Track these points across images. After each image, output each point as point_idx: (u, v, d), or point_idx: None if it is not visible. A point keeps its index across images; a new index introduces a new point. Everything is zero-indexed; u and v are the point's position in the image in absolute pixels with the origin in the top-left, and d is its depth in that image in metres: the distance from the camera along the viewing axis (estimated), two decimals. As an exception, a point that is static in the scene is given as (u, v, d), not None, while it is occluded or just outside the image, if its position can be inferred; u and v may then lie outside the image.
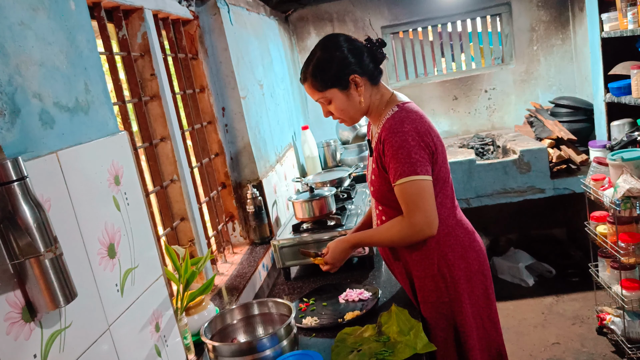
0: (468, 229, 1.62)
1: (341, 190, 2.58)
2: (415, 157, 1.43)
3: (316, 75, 1.53)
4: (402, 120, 1.47)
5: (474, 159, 3.30)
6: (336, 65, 1.51)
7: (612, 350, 2.70)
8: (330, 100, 1.55)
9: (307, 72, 1.55)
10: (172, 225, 1.80)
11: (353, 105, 1.56)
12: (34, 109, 0.94)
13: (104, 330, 1.03)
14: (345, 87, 1.53)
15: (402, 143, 1.44)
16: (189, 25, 2.16)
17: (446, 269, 1.54)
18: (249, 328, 1.60)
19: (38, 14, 0.99)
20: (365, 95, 1.55)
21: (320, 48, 1.55)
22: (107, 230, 1.09)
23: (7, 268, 0.81)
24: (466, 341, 1.57)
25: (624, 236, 2.36)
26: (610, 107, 3.02)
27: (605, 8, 2.87)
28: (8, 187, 0.80)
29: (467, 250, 1.57)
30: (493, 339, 1.64)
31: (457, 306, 1.56)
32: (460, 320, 1.56)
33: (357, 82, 1.53)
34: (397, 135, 1.45)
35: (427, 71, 4.05)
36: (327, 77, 1.52)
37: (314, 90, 1.56)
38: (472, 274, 1.57)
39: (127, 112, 1.61)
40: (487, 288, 1.62)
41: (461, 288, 1.55)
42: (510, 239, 4.04)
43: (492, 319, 1.64)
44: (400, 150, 1.44)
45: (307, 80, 1.56)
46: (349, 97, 1.54)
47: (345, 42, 1.54)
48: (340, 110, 1.57)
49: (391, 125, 1.47)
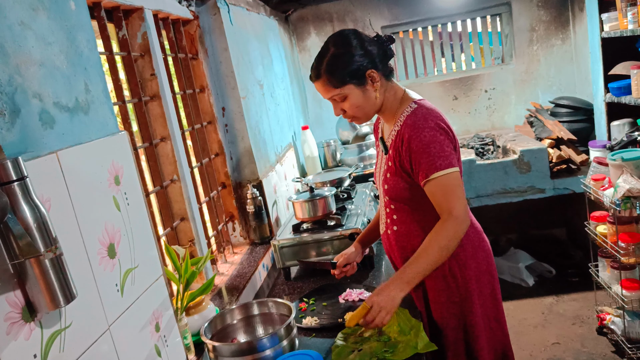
0: (477, 228, 1.61)
1: (341, 190, 2.58)
2: (448, 150, 1.44)
3: (332, 71, 1.48)
4: (426, 117, 1.46)
5: (474, 159, 3.30)
6: (352, 61, 1.48)
7: (612, 350, 2.69)
8: (346, 96, 1.51)
9: (320, 69, 1.50)
10: (172, 225, 1.80)
11: (369, 101, 1.52)
12: (34, 109, 0.94)
13: (104, 330, 1.03)
14: (361, 82, 1.49)
15: (432, 138, 1.43)
16: (189, 25, 2.16)
17: (457, 269, 1.54)
18: (249, 328, 1.60)
19: (38, 14, 0.99)
20: (380, 91, 1.53)
21: (333, 44, 1.51)
22: (107, 230, 1.09)
23: (7, 268, 0.81)
24: (475, 341, 1.57)
25: (624, 236, 2.36)
26: (610, 107, 3.02)
27: (605, 8, 2.86)
28: (8, 187, 0.80)
29: (477, 250, 1.57)
30: (500, 339, 1.64)
31: (467, 306, 1.55)
32: (470, 320, 1.56)
33: (373, 78, 1.50)
34: (424, 130, 1.44)
35: (427, 71, 4.05)
36: (344, 73, 1.48)
37: (329, 87, 1.50)
38: (481, 273, 1.57)
39: (127, 112, 1.61)
40: (495, 288, 1.62)
41: (471, 288, 1.55)
42: (510, 239, 4.04)
43: (499, 320, 1.64)
44: (432, 144, 1.43)
45: (321, 77, 1.50)
46: (365, 93, 1.51)
47: (358, 37, 1.51)
48: (355, 107, 1.52)
49: (414, 122, 1.46)
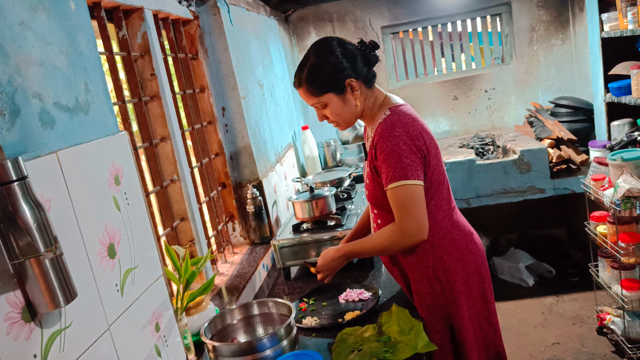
0: (465, 230, 1.60)
1: (341, 190, 2.58)
2: (406, 161, 1.43)
3: (311, 81, 1.52)
4: (394, 125, 1.46)
5: (474, 159, 3.30)
6: (331, 70, 1.50)
7: (612, 350, 2.70)
8: (326, 104, 1.54)
9: (301, 77, 1.53)
10: (172, 225, 1.80)
11: (349, 109, 1.55)
12: (34, 109, 0.94)
13: (104, 330, 1.03)
14: (341, 91, 1.52)
15: (393, 147, 1.43)
16: (189, 25, 2.16)
17: (441, 272, 1.54)
18: (249, 328, 1.60)
19: (38, 14, 0.99)
20: (360, 99, 1.55)
21: (314, 53, 1.53)
22: (107, 230, 1.09)
23: (7, 268, 0.81)
24: (463, 343, 1.56)
25: (624, 236, 2.36)
26: (610, 107, 3.02)
27: (605, 8, 2.86)
28: (8, 187, 0.80)
29: (464, 253, 1.57)
30: (491, 340, 1.64)
31: (453, 308, 1.55)
32: (457, 322, 1.56)
33: (353, 86, 1.52)
34: (388, 139, 1.44)
35: (427, 71, 4.05)
36: (323, 82, 1.51)
37: (309, 95, 1.54)
38: (468, 276, 1.57)
39: (127, 112, 1.61)
40: (485, 290, 1.62)
41: (457, 290, 1.55)
42: (510, 239, 4.04)
43: (490, 321, 1.63)
44: (391, 154, 1.43)
45: (302, 85, 1.54)
46: (345, 101, 1.54)
47: (338, 46, 1.53)
48: (335, 115, 1.56)
49: (383, 129, 1.47)
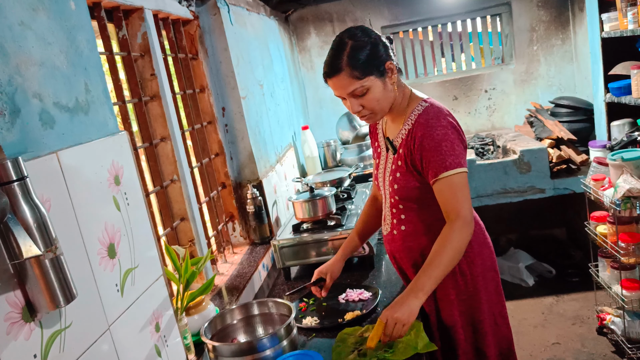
0: (481, 225, 1.63)
1: (341, 190, 2.58)
2: (458, 149, 1.44)
3: (354, 64, 1.43)
4: (438, 115, 1.47)
5: (474, 159, 3.29)
6: (373, 51, 1.46)
7: (612, 350, 2.69)
8: (367, 90, 1.47)
9: (341, 62, 1.44)
10: (172, 225, 1.80)
11: (387, 94, 1.50)
12: (34, 109, 0.94)
13: (104, 330, 1.03)
14: (382, 74, 1.47)
15: (444, 136, 1.44)
16: (189, 25, 2.16)
17: (466, 266, 1.55)
18: (249, 328, 1.60)
19: (38, 14, 0.99)
20: (395, 86, 1.52)
21: (349, 37, 1.47)
22: (107, 230, 1.09)
23: (7, 268, 0.81)
24: (484, 337, 1.57)
25: (624, 236, 2.36)
26: (610, 107, 3.02)
27: (605, 8, 2.86)
28: (8, 187, 0.80)
29: (482, 247, 1.58)
30: (504, 334, 1.65)
31: (475, 303, 1.56)
32: (478, 316, 1.57)
33: (392, 69, 1.49)
34: (436, 129, 1.45)
35: (427, 71, 4.05)
36: (366, 64, 1.44)
37: (351, 79, 1.44)
38: (486, 270, 1.58)
39: (127, 112, 1.61)
40: (498, 284, 1.63)
41: (479, 285, 1.56)
42: (510, 239, 4.04)
43: (503, 315, 1.65)
44: (443, 142, 1.43)
45: (342, 70, 1.44)
46: (385, 85, 1.49)
47: (372, 31, 1.51)
48: (376, 101, 1.48)
49: (427, 120, 1.47)
